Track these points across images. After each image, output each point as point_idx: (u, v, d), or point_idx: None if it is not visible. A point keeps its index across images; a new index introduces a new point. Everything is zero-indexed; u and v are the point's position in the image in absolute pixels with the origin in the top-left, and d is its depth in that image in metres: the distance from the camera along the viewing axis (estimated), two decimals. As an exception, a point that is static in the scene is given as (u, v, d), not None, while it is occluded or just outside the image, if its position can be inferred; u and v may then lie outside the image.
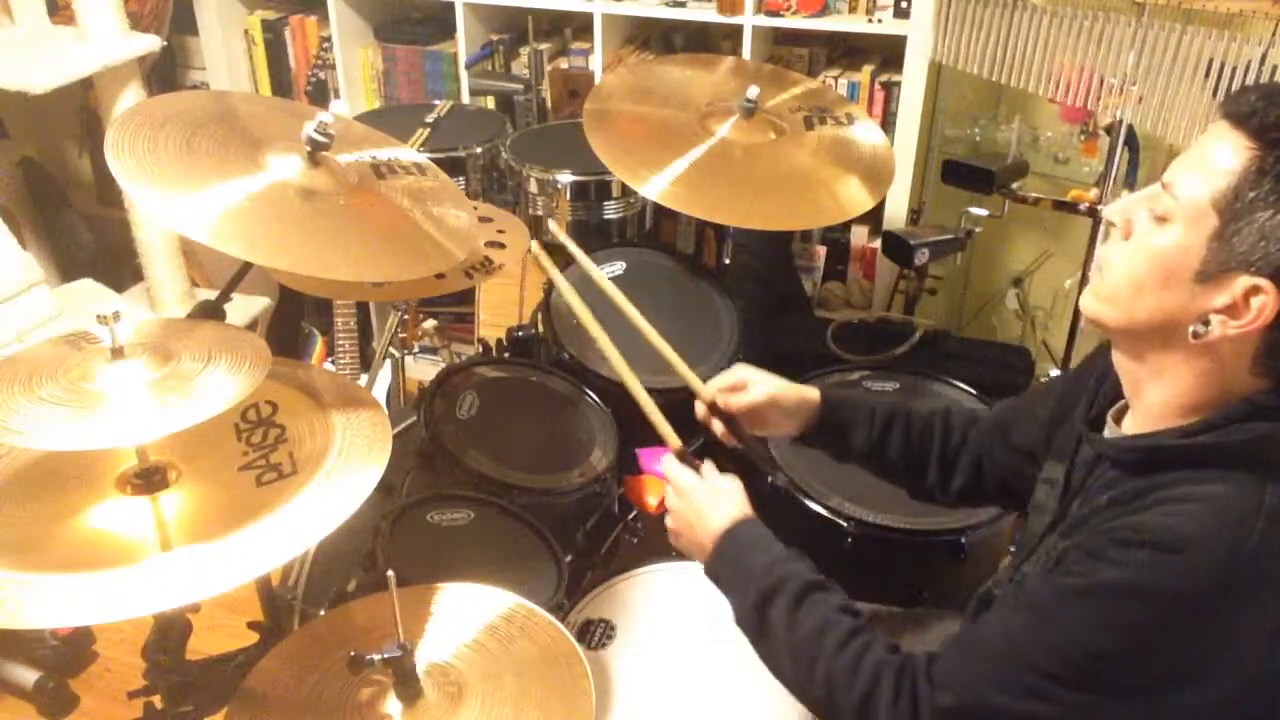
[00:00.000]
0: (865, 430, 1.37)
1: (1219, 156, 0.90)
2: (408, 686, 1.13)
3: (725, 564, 1.18)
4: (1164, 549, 0.88)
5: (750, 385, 1.38)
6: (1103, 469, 1.04)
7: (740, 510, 1.20)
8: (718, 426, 1.40)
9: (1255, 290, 0.88)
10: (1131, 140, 2.13)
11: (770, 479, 1.33)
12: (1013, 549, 1.20)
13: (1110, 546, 0.91)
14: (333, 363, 2.62)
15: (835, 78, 2.53)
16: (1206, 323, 0.91)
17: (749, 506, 1.21)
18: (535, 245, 1.49)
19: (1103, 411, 1.09)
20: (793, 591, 1.10)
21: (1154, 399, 0.99)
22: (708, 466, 1.26)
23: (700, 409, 1.41)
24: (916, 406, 1.40)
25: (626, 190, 2.24)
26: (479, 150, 2.39)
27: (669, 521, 1.26)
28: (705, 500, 1.22)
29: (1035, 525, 1.15)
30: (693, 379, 1.43)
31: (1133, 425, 1.03)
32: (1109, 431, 1.06)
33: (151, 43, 2.52)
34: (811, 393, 1.40)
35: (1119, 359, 1.03)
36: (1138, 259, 0.95)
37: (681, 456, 1.28)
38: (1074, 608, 0.92)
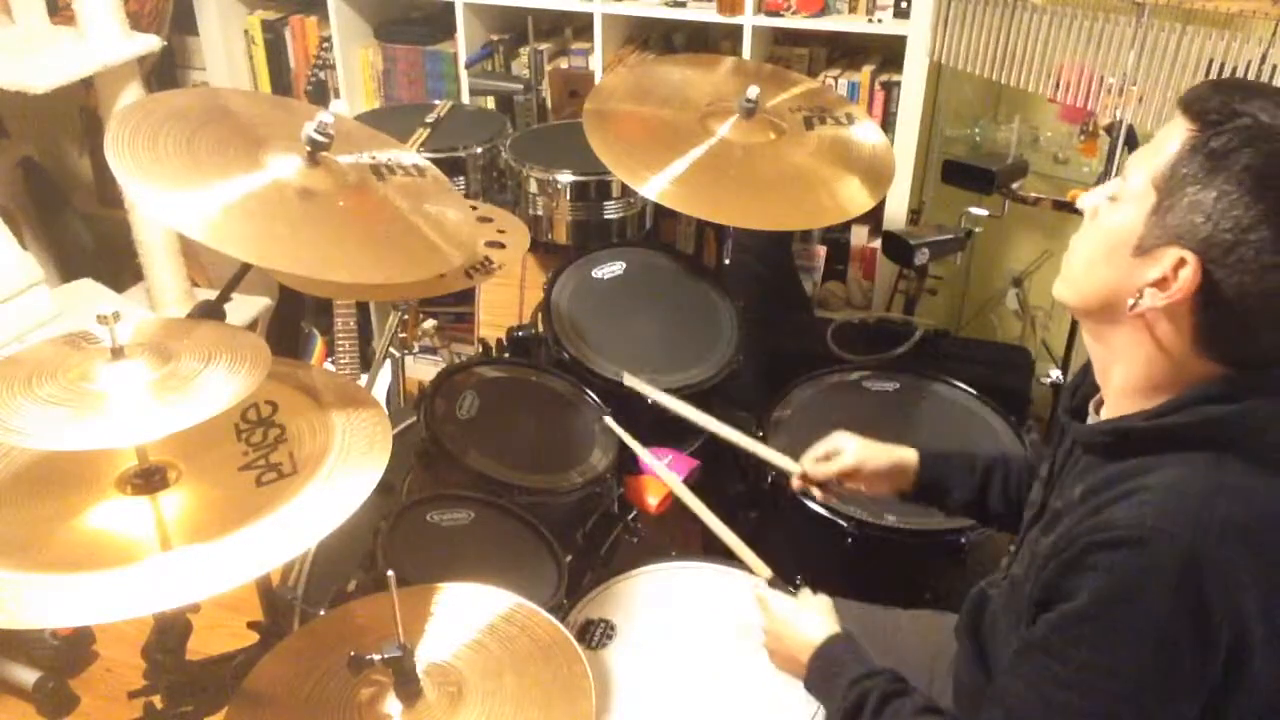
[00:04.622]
0: (965, 485, 1.40)
1: (1166, 141, 0.94)
2: (408, 686, 1.13)
3: (817, 680, 1.22)
4: (1134, 544, 0.90)
5: (840, 451, 1.45)
6: (1077, 456, 1.07)
7: (829, 628, 1.24)
8: (816, 493, 1.50)
9: (1183, 262, 0.92)
10: (1131, 140, 2.12)
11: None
12: (1011, 547, 1.21)
13: (1088, 554, 0.92)
14: (333, 363, 2.62)
15: (835, 78, 2.53)
16: (1142, 295, 0.95)
17: (837, 623, 1.26)
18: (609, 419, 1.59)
19: (1085, 402, 1.11)
20: (874, 704, 1.13)
21: (1117, 382, 1.02)
22: (804, 591, 1.32)
23: (795, 482, 1.50)
24: (1014, 454, 1.43)
25: (626, 190, 2.24)
26: (479, 150, 2.39)
27: (765, 642, 1.31)
28: (796, 623, 1.27)
29: (1025, 520, 1.17)
30: (781, 459, 1.54)
31: (1105, 411, 1.06)
32: (1090, 421, 1.09)
33: (151, 43, 2.52)
34: (907, 453, 1.43)
35: (1087, 343, 1.07)
36: (1091, 238, 1.01)
37: (773, 583, 1.34)
38: (1084, 634, 0.92)
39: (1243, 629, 0.89)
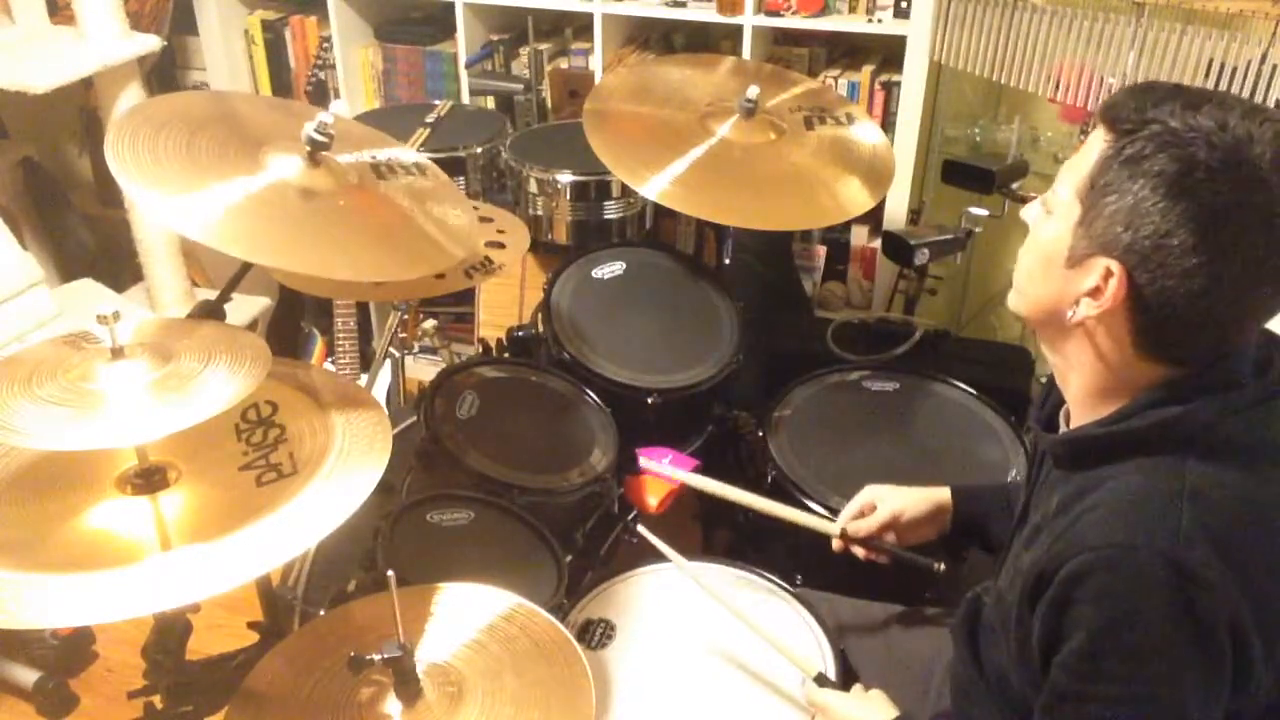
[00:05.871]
0: (1003, 523, 1.38)
1: (1088, 151, 0.96)
2: (408, 686, 1.13)
3: None
4: (1110, 567, 0.89)
5: (877, 504, 1.44)
6: (1048, 467, 1.08)
7: (890, 713, 1.22)
8: (858, 551, 1.46)
9: (1110, 272, 0.93)
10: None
11: (936, 567, 1.44)
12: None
13: (1071, 587, 0.92)
14: (333, 363, 2.62)
15: (835, 78, 2.53)
16: (1079, 304, 0.97)
17: (894, 707, 1.23)
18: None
19: (1056, 412, 1.11)
20: None
21: (1074, 390, 1.04)
22: (856, 686, 1.29)
23: (835, 543, 1.47)
24: None
25: (626, 190, 2.24)
26: (479, 150, 2.39)
27: None
28: (853, 715, 1.24)
29: (1011, 531, 1.17)
30: (819, 522, 1.51)
31: (1071, 421, 1.06)
32: (1060, 431, 1.09)
33: (151, 43, 2.52)
34: (941, 495, 1.43)
35: (1045, 354, 1.08)
36: (1030, 251, 1.03)
37: (822, 681, 1.30)
38: (1097, 670, 0.92)
39: (1243, 640, 0.89)
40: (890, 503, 1.44)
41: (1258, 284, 0.92)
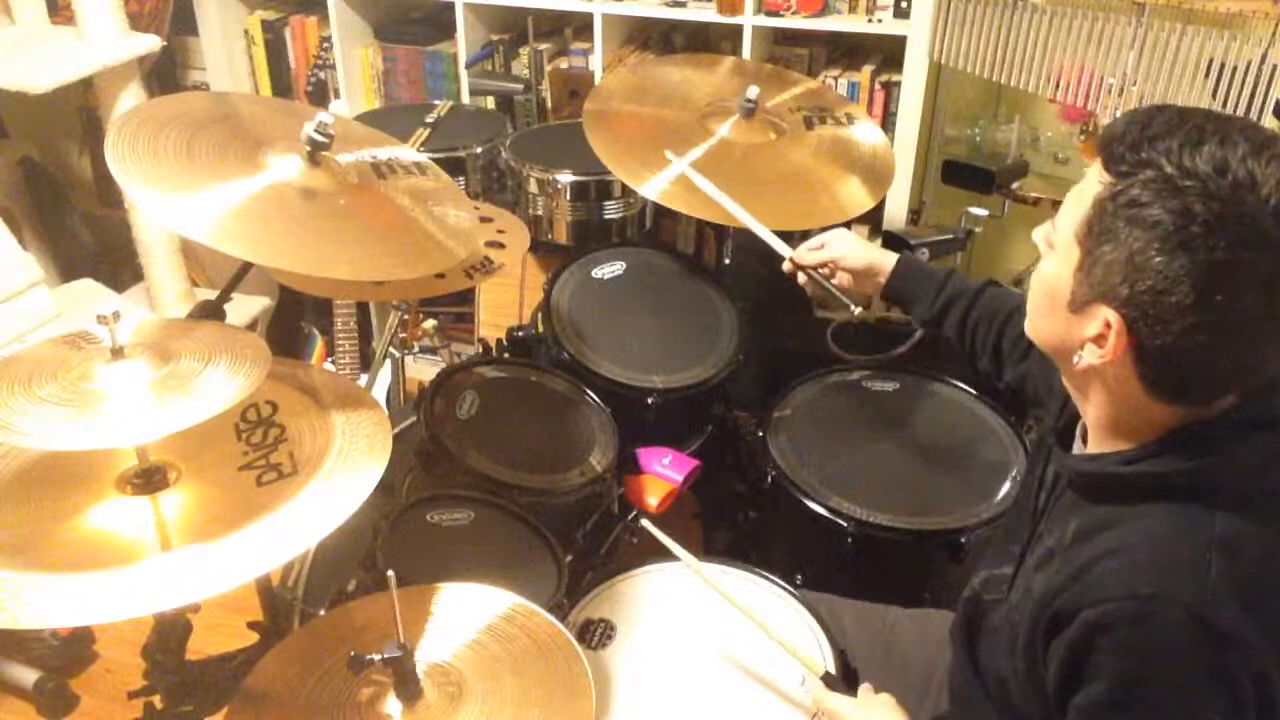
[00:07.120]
0: (926, 306, 1.49)
1: (1088, 186, 0.91)
2: (408, 686, 1.13)
3: None
4: (1133, 620, 0.88)
5: (825, 245, 1.60)
6: (1062, 488, 1.05)
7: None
8: (801, 277, 1.64)
9: (1110, 324, 0.90)
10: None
11: (852, 308, 1.62)
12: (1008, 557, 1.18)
13: (1093, 634, 0.90)
14: (333, 363, 2.62)
15: (835, 78, 2.53)
16: (1084, 350, 0.93)
17: (904, 713, 1.19)
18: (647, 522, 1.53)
19: (1074, 422, 1.08)
20: None
21: (1092, 418, 1.01)
22: (864, 686, 1.26)
23: (787, 264, 1.66)
24: (992, 294, 1.45)
25: (626, 190, 2.24)
26: (479, 150, 2.39)
27: None
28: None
29: (1015, 528, 1.15)
30: (778, 242, 1.71)
31: (1089, 443, 1.03)
32: (1076, 447, 1.06)
33: (151, 43, 2.52)
34: (884, 261, 1.54)
35: (1063, 378, 1.04)
36: (1037, 284, 0.99)
37: (829, 682, 1.28)
38: (1122, 718, 0.90)
39: (1268, 686, 0.87)
40: (836, 247, 1.58)
41: (1271, 336, 0.88)
